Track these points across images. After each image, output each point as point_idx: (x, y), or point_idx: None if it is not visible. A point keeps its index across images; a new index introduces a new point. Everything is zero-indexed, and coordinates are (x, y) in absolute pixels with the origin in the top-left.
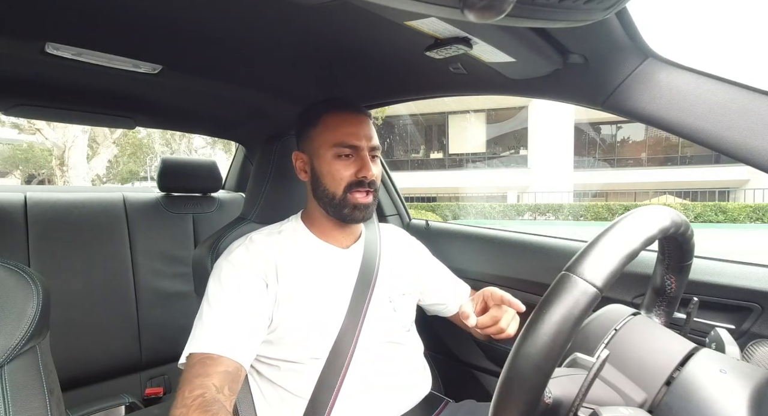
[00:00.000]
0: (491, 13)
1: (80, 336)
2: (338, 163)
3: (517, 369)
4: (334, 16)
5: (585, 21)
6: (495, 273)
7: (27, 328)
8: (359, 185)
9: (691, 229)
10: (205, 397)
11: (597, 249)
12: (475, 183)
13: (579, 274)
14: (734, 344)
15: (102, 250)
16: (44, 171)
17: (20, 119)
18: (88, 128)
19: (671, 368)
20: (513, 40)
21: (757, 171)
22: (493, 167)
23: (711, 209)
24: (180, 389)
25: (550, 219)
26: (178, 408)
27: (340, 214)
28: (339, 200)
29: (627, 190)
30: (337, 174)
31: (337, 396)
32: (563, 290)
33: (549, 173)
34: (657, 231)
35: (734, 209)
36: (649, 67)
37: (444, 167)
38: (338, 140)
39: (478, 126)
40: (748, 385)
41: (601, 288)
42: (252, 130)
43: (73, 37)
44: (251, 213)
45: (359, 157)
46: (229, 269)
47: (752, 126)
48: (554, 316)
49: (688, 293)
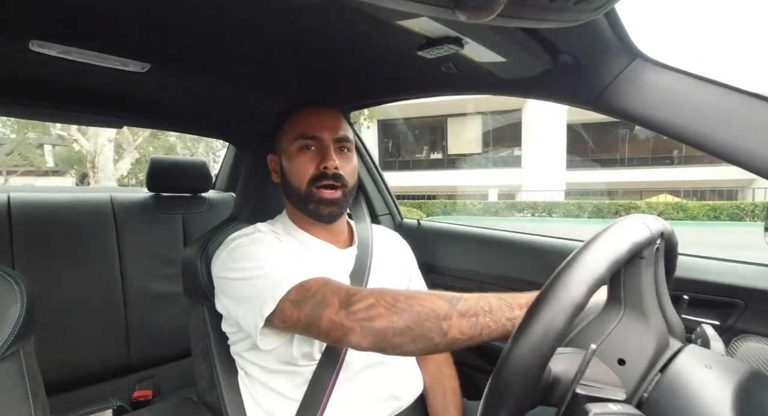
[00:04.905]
0: (483, 13)
1: (66, 338)
2: (301, 156)
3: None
4: (325, 14)
5: (575, 21)
6: (486, 272)
7: (10, 332)
8: (323, 178)
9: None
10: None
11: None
12: (472, 182)
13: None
14: (719, 340)
15: (89, 251)
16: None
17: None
18: (113, 137)
19: (660, 364)
20: (504, 40)
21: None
22: (487, 167)
23: (672, 208)
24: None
25: (543, 217)
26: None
27: (308, 210)
28: (304, 195)
29: (623, 188)
30: (300, 168)
31: (329, 398)
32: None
33: (541, 172)
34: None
35: (694, 208)
36: (638, 68)
37: (443, 167)
38: (300, 132)
39: (476, 128)
40: (733, 380)
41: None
42: (243, 130)
43: (59, 34)
44: (242, 213)
45: (322, 148)
46: (256, 235)
47: (737, 126)
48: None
49: (674, 291)
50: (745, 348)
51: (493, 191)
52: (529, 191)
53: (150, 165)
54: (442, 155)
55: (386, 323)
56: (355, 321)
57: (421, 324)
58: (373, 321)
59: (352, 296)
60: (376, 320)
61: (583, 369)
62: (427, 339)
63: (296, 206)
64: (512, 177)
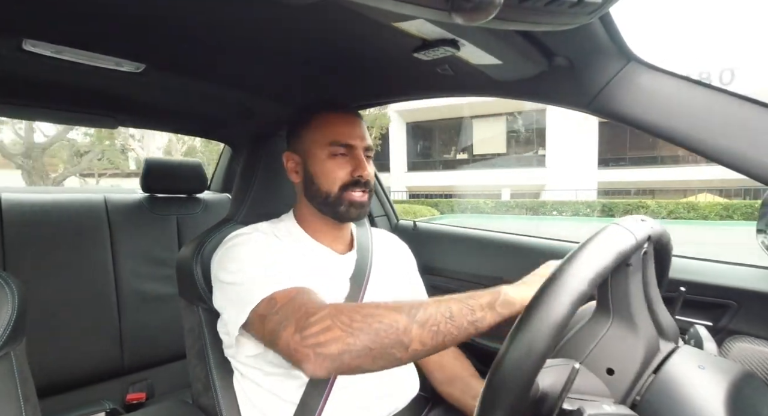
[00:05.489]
0: (479, 16)
1: (59, 341)
2: (332, 162)
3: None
4: (321, 15)
5: (570, 25)
6: (481, 273)
7: (1, 334)
8: (355, 184)
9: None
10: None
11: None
12: (496, 181)
13: (625, 227)
14: (712, 340)
15: (82, 252)
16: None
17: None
18: (163, 146)
19: (650, 369)
20: (499, 43)
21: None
22: (511, 167)
23: (683, 207)
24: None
25: (565, 216)
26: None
27: (335, 212)
28: (334, 198)
29: (660, 188)
30: (332, 174)
31: (327, 400)
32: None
33: (568, 171)
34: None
35: (704, 207)
36: (632, 71)
37: (468, 167)
38: (333, 139)
39: (500, 128)
40: (725, 380)
41: (640, 242)
42: (238, 130)
43: (52, 34)
44: (238, 214)
45: (354, 156)
46: (254, 235)
47: (730, 129)
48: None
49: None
50: (738, 349)
51: (506, 190)
52: (553, 190)
53: (144, 166)
54: (467, 155)
55: (342, 346)
56: (308, 347)
57: (380, 343)
58: (328, 346)
59: (309, 317)
60: (331, 345)
61: (569, 387)
62: (389, 355)
63: (319, 208)
64: (535, 176)
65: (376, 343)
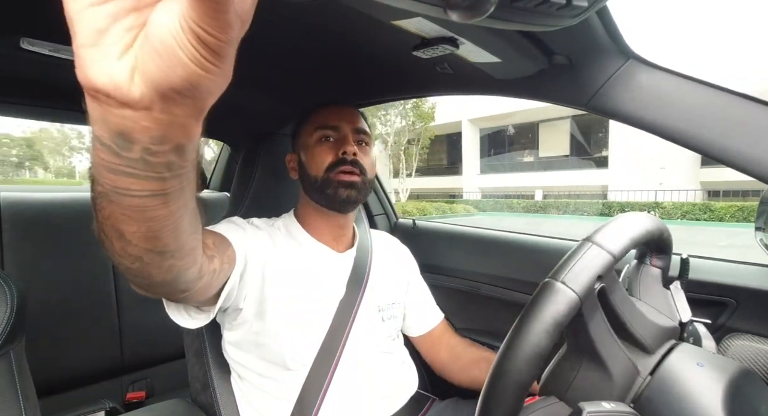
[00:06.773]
0: (474, 14)
1: (58, 340)
2: (320, 147)
3: (504, 368)
4: (319, 13)
5: (555, 26)
6: (481, 271)
7: (0, 333)
8: (341, 163)
9: (668, 233)
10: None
11: (578, 256)
12: (562, 182)
13: (561, 281)
14: (710, 338)
15: (81, 251)
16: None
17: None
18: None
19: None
20: (498, 41)
21: None
22: (575, 169)
23: (699, 208)
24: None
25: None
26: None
27: (326, 196)
28: (321, 181)
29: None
30: (318, 157)
31: (324, 399)
32: (547, 295)
33: (633, 172)
34: (632, 241)
35: (720, 208)
36: (631, 69)
37: (534, 169)
38: (319, 123)
39: (565, 131)
40: (724, 378)
41: (583, 295)
42: (237, 129)
43: (50, 32)
44: (236, 213)
45: (341, 137)
46: (238, 220)
47: (731, 128)
48: (538, 319)
49: None
50: (736, 346)
51: (539, 191)
52: (617, 191)
53: None
54: (533, 158)
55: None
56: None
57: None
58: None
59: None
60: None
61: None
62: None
63: (312, 197)
64: (599, 178)
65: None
